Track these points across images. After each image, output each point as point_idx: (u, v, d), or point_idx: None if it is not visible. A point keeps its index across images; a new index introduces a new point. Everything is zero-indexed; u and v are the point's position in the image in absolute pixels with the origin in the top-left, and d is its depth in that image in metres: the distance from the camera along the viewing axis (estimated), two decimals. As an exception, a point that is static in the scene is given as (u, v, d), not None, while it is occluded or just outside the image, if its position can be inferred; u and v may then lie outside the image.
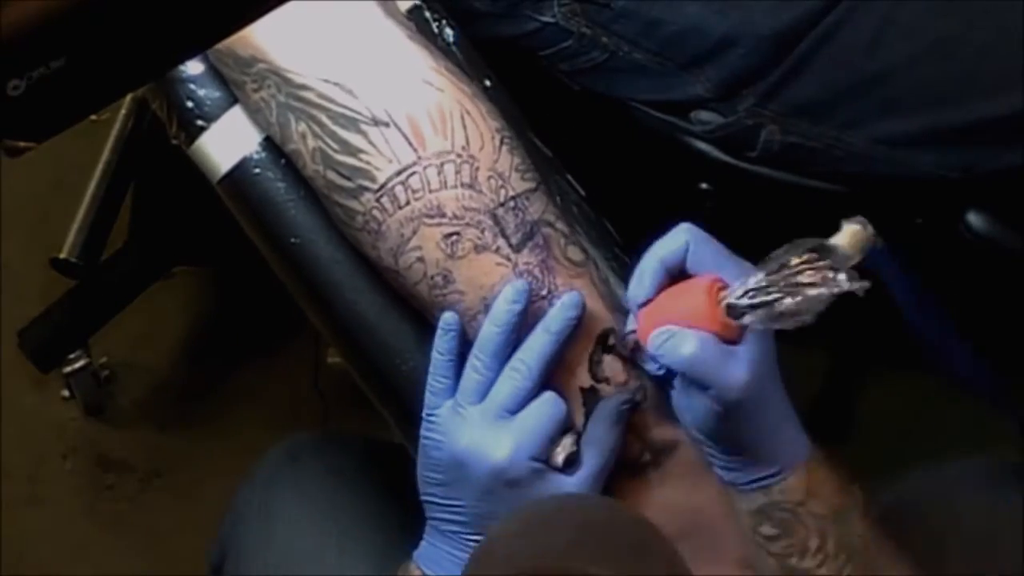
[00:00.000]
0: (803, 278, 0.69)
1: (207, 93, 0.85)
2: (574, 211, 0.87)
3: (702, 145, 1.14)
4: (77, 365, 1.61)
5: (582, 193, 0.91)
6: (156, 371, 1.73)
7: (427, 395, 0.79)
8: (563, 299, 0.78)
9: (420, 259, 0.77)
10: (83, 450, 1.67)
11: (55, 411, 1.68)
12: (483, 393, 0.76)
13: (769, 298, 0.69)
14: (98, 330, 1.61)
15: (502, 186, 0.78)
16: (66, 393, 1.66)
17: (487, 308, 0.78)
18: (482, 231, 0.77)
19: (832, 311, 0.73)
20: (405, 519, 0.93)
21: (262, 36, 0.80)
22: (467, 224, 0.77)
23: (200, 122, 0.85)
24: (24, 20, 0.42)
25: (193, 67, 0.85)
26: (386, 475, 0.95)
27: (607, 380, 0.79)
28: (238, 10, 0.49)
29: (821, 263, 0.69)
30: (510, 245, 0.78)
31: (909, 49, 1.06)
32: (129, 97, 1.55)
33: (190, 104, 0.85)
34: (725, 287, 0.72)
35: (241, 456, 1.63)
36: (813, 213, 1.25)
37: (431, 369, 0.79)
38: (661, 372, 0.77)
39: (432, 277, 0.78)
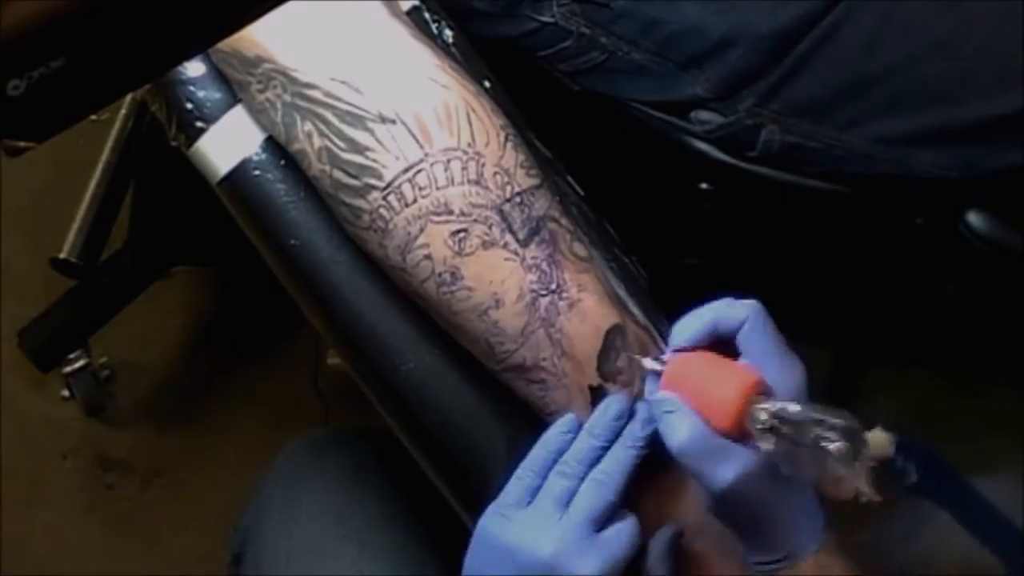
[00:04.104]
0: (829, 442, 0.67)
1: (207, 95, 0.85)
2: (574, 212, 0.87)
3: (702, 145, 1.14)
4: (77, 365, 1.61)
5: (581, 193, 0.91)
6: (156, 371, 1.73)
7: (512, 487, 0.77)
8: (640, 416, 0.77)
9: (428, 257, 0.77)
10: (83, 450, 1.67)
11: (55, 411, 1.68)
12: (566, 501, 0.75)
13: (791, 434, 0.67)
14: (98, 330, 1.61)
15: (508, 182, 0.78)
16: (66, 393, 1.66)
17: (497, 303, 0.77)
18: (489, 227, 0.77)
19: (833, 310, 0.73)
20: (424, 515, 0.93)
21: (267, 36, 0.80)
22: (474, 220, 0.77)
23: (200, 124, 0.85)
24: (24, 20, 0.42)
25: (193, 69, 0.85)
26: (408, 470, 0.95)
27: (614, 379, 0.79)
28: (238, 9, 0.49)
29: (849, 450, 0.67)
30: (517, 240, 0.78)
31: (909, 49, 1.06)
32: (129, 97, 1.55)
33: (190, 106, 0.85)
34: (762, 392, 0.71)
35: (241, 456, 1.64)
36: (813, 213, 1.25)
37: (528, 464, 0.77)
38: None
39: (440, 274, 0.78)
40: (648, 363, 0.76)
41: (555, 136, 0.91)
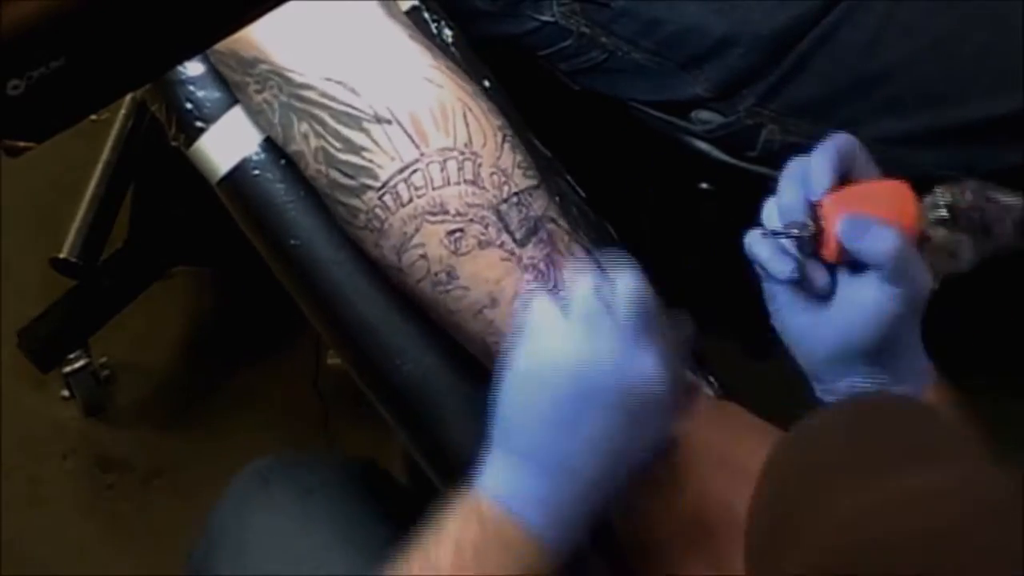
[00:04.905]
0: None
1: (206, 95, 0.85)
2: (573, 212, 0.87)
3: (702, 145, 1.14)
4: (77, 365, 1.61)
5: (582, 194, 0.91)
6: (156, 371, 1.73)
7: None
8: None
9: (423, 256, 0.77)
10: (83, 450, 1.67)
11: (55, 411, 1.68)
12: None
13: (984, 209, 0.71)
14: (98, 330, 1.61)
15: (505, 182, 0.78)
16: (66, 393, 1.66)
17: (493, 303, 0.78)
18: (486, 227, 0.77)
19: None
20: (377, 537, 0.92)
21: (264, 37, 0.80)
22: (470, 220, 0.77)
23: (199, 124, 0.85)
24: (24, 20, 0.42)
25: (192, 69, 0.85)
26: (357, 494, 0.95)
27: None
28: (238, 10, 0.49)
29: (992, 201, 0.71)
30: (514, 240, 0.78)
31: (909, 48, 1.06)
32: (129, 97, 1.55)
33: (189, 106, 0.85)
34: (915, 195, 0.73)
35: (241, 456, 1.63)
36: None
37: None
38: (795, 275, 0.74)
39: (436, 274, 0.77)
40: (795, 231, 0.74)
41: (555, 136, 0.91)
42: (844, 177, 0.74)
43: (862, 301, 0.72)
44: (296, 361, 1.71)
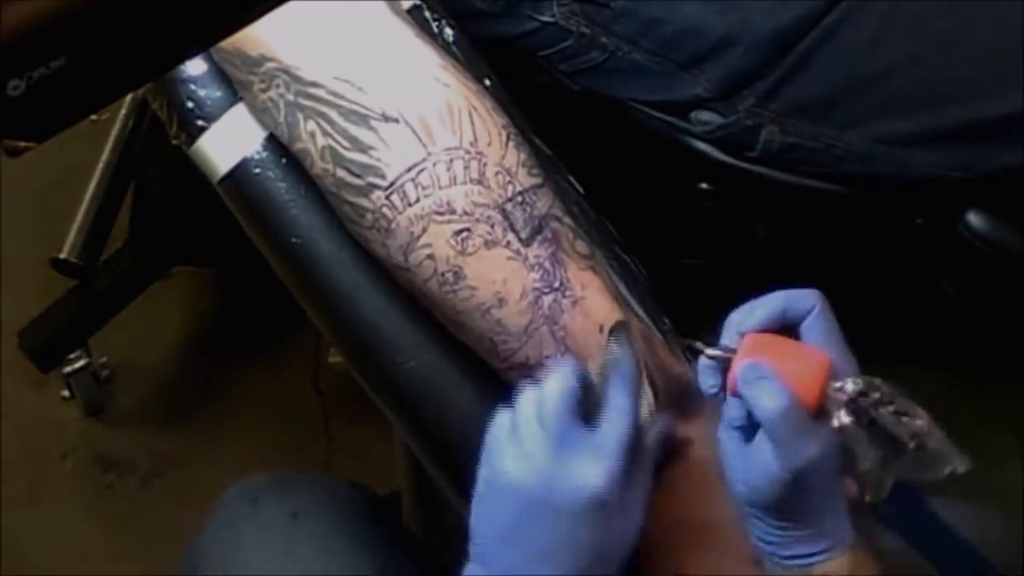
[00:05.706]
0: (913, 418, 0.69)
1: (208, 93, 0.85)
2: (574, 210, 0.87)
3: (702, 145, 1.14)
4: (77, 365, 1.62)
5: (582, 192, 0.91)
6: (156, 371, 1.73)
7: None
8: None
9: (430, 256, 0.78)
10: (83, 450, 1.67)
11: (55, 411, 1.68)
12: None
13: (877, 416, 0.69)
14: (98, 330, 1.61)
15: (510, 181, 0.79)
16: (66, 393, 1.66)
17: (500, 302, 0.78)
18: (492, 226, 0.77)
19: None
20: (361, 562, 0.92)
21: (272, 36, 0.80)
22: (477, 220, 0.77)
23: (201, 122, 0.85)
24: (24, 20, 0.42)
25: (194, 67, 0.85)
26: (342, 522, 0.94)
27: None
28: (239, 9, 0.49)
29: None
30: (520, 239, 0.78)
31: (909, 48, 1.06)
32: (129, 97, 1.55)
33: (191, 104, 0.85)
34: (834, 375, 0.71)
35: (241, 456, 1.64)
36: (813, 213, 1.25)
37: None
38: (715, 391, 0.74)
39: (443, 274, 0.78)
40: (710, 351, 0.74)
41: (555, 136, 0.91)
42: (792, 325, 0.74)
43: (756, 456, 0.70)
44: (296, 361, 1.71)
